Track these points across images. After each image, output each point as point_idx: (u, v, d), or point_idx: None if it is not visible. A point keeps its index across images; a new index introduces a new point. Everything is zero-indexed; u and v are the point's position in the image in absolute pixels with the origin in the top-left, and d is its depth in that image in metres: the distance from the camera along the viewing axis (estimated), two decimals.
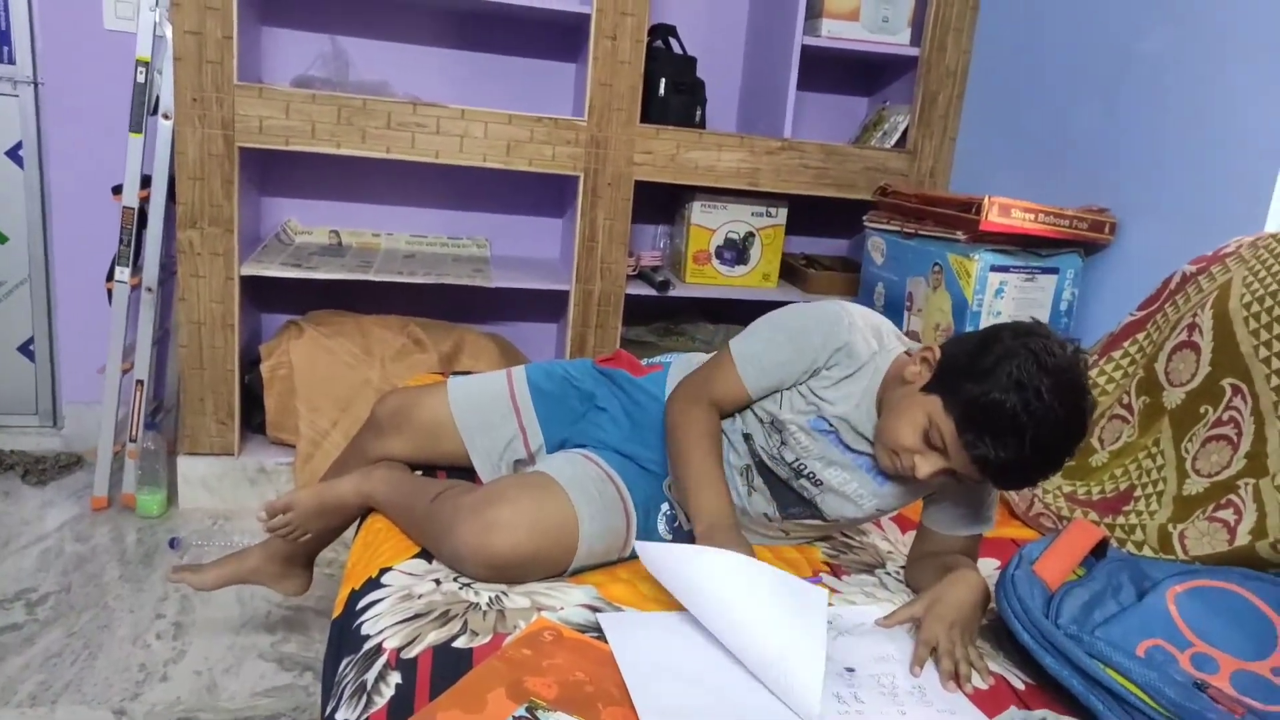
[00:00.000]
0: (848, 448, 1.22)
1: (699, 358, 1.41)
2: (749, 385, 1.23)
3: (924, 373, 1.14)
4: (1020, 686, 1.03)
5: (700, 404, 1.25)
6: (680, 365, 1.41)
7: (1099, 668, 0.93)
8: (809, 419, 1.22)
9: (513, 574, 1.13)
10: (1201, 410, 1.38)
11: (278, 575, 1.58)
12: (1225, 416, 1.33)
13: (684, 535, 1.32)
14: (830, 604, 1.09)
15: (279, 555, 1.56)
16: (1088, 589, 1.07)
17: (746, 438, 1.28)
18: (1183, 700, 0.89)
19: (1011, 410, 1.01)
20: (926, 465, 1.11)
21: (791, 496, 1.27)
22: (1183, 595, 1.03)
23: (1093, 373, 1.60)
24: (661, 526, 1.30)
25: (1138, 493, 1.41)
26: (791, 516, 1.29)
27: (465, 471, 1.42)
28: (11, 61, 2.30)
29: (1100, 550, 1.17)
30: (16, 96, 2.32)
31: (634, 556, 1.25)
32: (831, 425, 1.21)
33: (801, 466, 1.24)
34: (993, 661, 1.08)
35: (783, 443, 1.24)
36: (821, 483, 1.24)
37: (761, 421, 1.26)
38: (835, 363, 1.21)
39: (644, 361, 1.45)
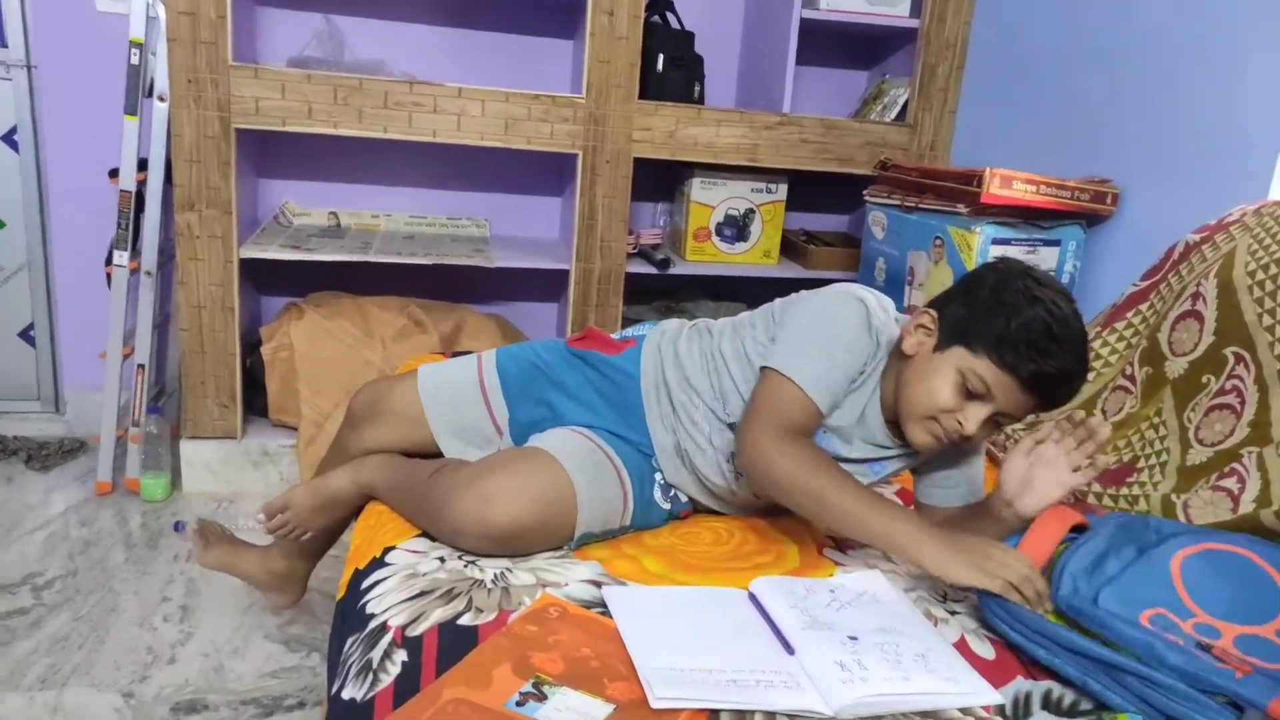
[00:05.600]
0: (838, 453, 1.23)
1: (673, 324, 1.38)
2: (824, 410, 1.17)
3: (925, 339, 1.16)
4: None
5: (791, 439, 1.13)
6: (655, 336, 1.36)
7: (1094, 646, 0.93)
8: None
9: (513, 545, 1.13)
10: (1204, 380, 1.37)
11: (270, 586, 1.60)
12: (1228, 385, 1.33)
13: (681, 504, 1.33)
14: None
15: (276, 570, 1.58)
16: (1091, 549, 1.06)
17: (733, 426, 1.25)
18: (1184, 664, 0.89)
19: (1042, 321, 1.07)
20: (974, 416, 1.11)
21: None
22: (1191, 559, 1.02)
23: (1095, 344, 1.60)
24: (658, 495, 1.30)
25: (1141, 464, 1.40)
26: None
27: None
28: (4, 45, 2.29)
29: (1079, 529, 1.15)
30: (10, 80, 2.31)
31: (635, 528, 1.26)
32: (825, 432, 1.22)
33: None
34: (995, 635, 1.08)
35: None
36: None
37: None
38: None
39: (616, 336, 1.42)
